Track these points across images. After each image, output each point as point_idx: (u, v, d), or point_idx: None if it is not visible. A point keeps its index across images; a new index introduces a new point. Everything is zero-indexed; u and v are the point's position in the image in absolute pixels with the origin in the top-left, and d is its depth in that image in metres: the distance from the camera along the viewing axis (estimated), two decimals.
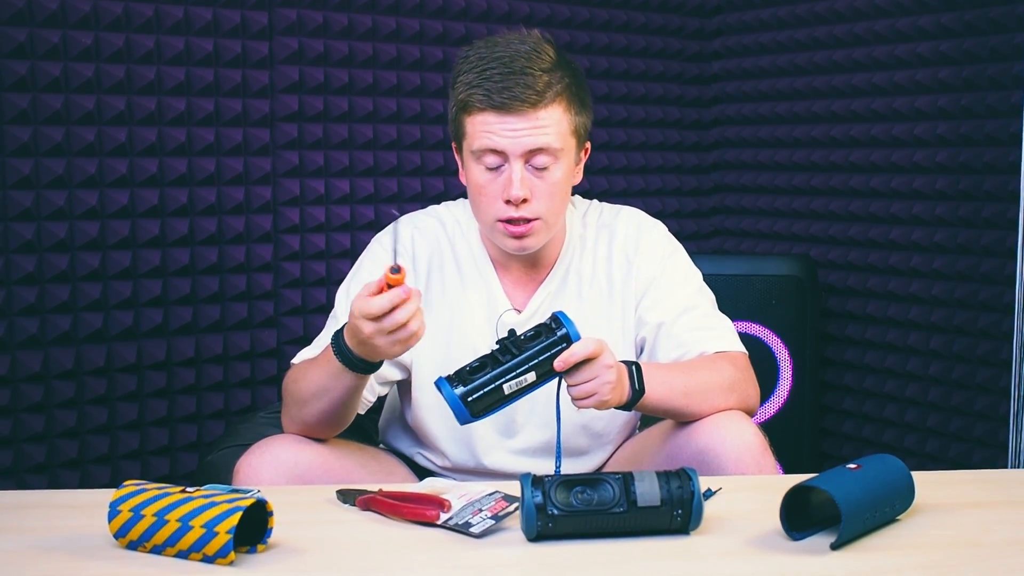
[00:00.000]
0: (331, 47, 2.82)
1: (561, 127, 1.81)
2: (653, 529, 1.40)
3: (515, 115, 1.77)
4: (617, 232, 1.98)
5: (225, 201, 2.70)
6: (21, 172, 2.41)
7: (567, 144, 1.83)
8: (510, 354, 1.61)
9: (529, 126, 1.78)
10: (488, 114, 1.79)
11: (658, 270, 1.95)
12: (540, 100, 1.78)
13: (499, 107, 1.77)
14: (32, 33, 2.39)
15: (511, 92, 1.77)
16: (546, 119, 1.79)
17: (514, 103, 1.77)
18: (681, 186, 3.50)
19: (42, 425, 2.48)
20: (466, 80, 1.81)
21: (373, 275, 1.86)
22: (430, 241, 1.96)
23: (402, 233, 1.97)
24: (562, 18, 3.20)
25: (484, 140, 1.79)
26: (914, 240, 2.95)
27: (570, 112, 1.83)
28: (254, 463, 1.73)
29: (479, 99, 1.79)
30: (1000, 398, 2.77)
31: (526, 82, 1.77)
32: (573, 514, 1.38)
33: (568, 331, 1.62)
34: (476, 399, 1.59)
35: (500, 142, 1.78)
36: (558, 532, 1.39)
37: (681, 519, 1.40)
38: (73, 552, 1.34)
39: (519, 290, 1.95)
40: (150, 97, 2.56)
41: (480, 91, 1.78)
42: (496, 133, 1.78)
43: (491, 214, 1.83)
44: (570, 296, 1.94)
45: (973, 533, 1.45)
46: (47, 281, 2.46)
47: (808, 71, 3.23)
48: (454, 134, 1.89)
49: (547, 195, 1.82)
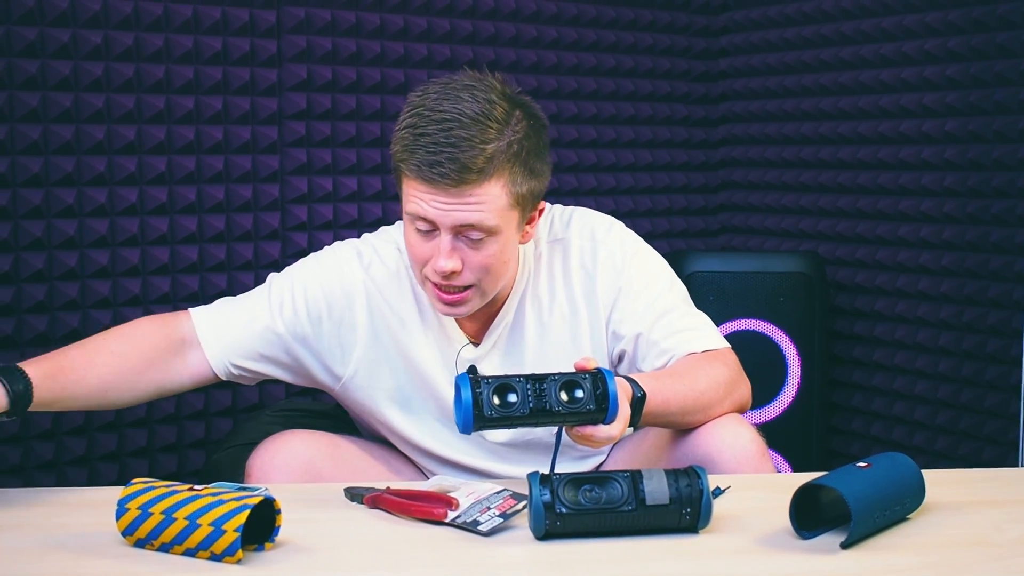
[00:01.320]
0: (339, 45, 2.82)
1: (499, 203, 1.67)
2: (662, 528, 1.40)
3: (444, 192, 1.65)
4: (571, 246, 1.87)
5: (233, 199, 2.70)
6: (31, 170, 2.41)
7: (505, 219, 1.69)
8: (546, 407, 1.48)
9: (459, 202, 1.65)
10: (418, 182, 1.66)
11: (621, 280, 1.85)
12: (475, 178, 1.64)
13: (428, 180, 1.64)
14: (42, 32, 2.40)
15: (441, 168, 1.63)
16: (481, 196, 1.65)
17: (443, 180, 1.63)
18: (689, 183, 3.49)
19: (50, 422, 2.48)
20: (402, 139, 1.68)
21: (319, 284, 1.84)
22: (390, 270, 1.87)
23: (364, 253, 1.89)
24: (569, 15, 3.19)
25: (414, 206, 1.68)
26: (923, 237, 2.95)
27: (513, 183, 1.68)
28: (265, 461, 1.73)
29: (410, 168, 1.66)
30: (1010, 395, 2.76)
31: (461, 159, 1.63)
32: (581, 512, 1.37)
33: (609, 412, 1.52)
34: (489, 420, 1.48)
35: (430, 212, 1.66)
36: (566, 530, 1.38)
37: (690, 518, 1.40)
38: (81, 550, 1.34)
39: (475, 323, 1.86)
40: (159, 95, 2.56)
41: (413, 159, 1.65)
42: (426, 202, 1.66)
43: (424, 273, 1.74)
44: (530, 324, 1.87)
45: (984, 531, 1.44)
46: (56, 278, 2.47)
47: (815, 68, 3.22)
48: (394, 179, 1.76)
49: (480, 267, 1.71)
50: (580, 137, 3.22)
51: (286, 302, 1.83)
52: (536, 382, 1.49)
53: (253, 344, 1.83)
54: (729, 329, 3.01)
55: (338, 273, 1.86)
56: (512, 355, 1.87)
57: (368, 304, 1.85)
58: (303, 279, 1.86)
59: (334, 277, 1.85)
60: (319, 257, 1.91)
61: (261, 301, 1.85)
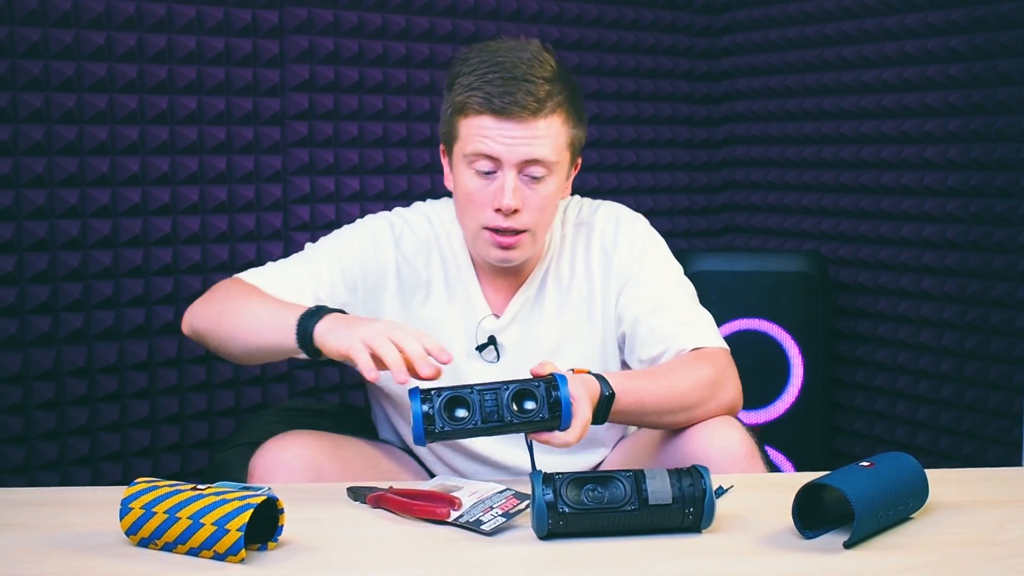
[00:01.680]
0: (341, 45, 2.82)
1: (558, 140, 1.78)
2: (665, 527, 1.40)
3: (514, 122, 1.73)
4: (595, 228, 1.94)
5: (236, 199, 2.70)
6: (34, 171, 2.41)
7: (562, 157, 1.80)
8: (497, 418, 1.50)
9: (527, 135, 1.74)
10: (486, 118, 1.74)
11: (635, 265, 1.91)
12: (540, 109, 1.74)
13: (498, 111, 1.73)
14: (46, 33, 2.40)
15: (512, 97, 1.72)
16: (544, 129, 1.75)
17: (514, 109, 1.72)
18: (691, 183, 3.49)
19: (54, 422, 2.48)
20: (465, 82, 1.76)
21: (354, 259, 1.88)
22: (420, 240, 1.93)
23: (394, 222, 1.94)
24: (571, 15, 3.19)
25: (479, 144, 1.75)
26: (925, 237, 2.95)
27: (568, 125, 1.80)
28: (269, 461, 1.73)
29: (478, 101, 1.74)
30: (1013, 395, 2.76)
31: (527, 89, 1.73)
32: (584, 512, 1.37)
33: (563, 419, 1.52)
34: (440, 433, 1.50)
35: (496, 148, 1.74)
36: (569, 530, 1.38)
37: (693, 517, 1.40)
38: (84, 549, 1.34)
39: (499, 295, 1.92)
40: (162, 96, 2.57)
41: (480, 94, 1.73)
42: (492, 139, 1.74)
43: (478, 221, 1.80)
44: (550, 299, 1.92)
45: (988, 531, 1.44)
46: (59, 279, 2.47)
47: (818, 68, 3.22)
48: (445, 136, 1.85)
49: (538, 208, 1.79)
50: None
51: (323, 271, 1.87)
52: (489, 392, 1.51)
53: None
54: (731, 329, 3.01)
55: (372, 243, 1.91)
56: (530, 328, 1.91)
57: (398, 273, 1.90)
58: (339, 249, 1.91)
59: (369, 246, 1.91)
60: (354, 229, 1.96)
61: (304, 268, 1.88)
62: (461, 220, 1.86)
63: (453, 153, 1.83)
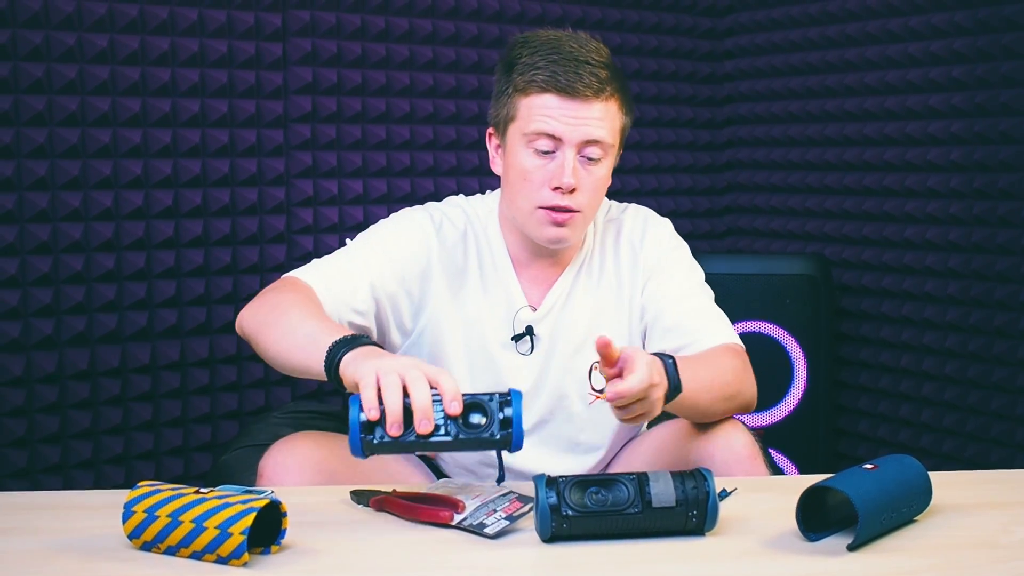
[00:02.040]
0: (344, 48, 2.82)
1: (614, 124, 1.83)
2: (668, 530, 1.40)
3: (578, 101, 1.78)
4: (624, 225, 2.00)
5: (239, 202, 2.70)
6: (37, 174, 2.41)
7: (616, 141, 1.86)
8: (444, 432, 1.37)
9: (589, 115, 1.79)
10: (550, 96, 1.79)
11: (661, 261, 1.96)
12: (602, 91, 1.79)
13: (563, 90, 1.78)
14: (48, 36, 2.40)
15: (578, 76, 1.77)
16: (604, 111, 1.80)
17: (579, 87, 1.77)
18: (694, 185, 3.49)
19: (57, 426, 2.48)
20: (530, 62, 1.81)
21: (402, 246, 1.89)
22: (459, 231, 1.95)
23: (434, 214, 1.96)
24: (574, 18, 3.19)
25: (541, 123, 1.79)
26: (928, 239, 2.94)
27: (622, 111, 1.86)
28: (278, 462, 1.72)
29: (544, 79, 1.78)
30: (1017, 397, 2.76)
31: (591, 70, 1.78)
32: (587, 515, 1.37)
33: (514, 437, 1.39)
34: (379, 446, 1.38)
35: (558, 127, 1.78)
36: (572, 533, 1.38)
37: (696, 520, 1.40)
38: (87, 553, 1.34)
39: (535, 287, 1.94)
40: (164, 99, 2.57)
41: (545, 72, 1.78)
42: (555, 117, 1.78)
43: (534, 200, 1.82)
44: (583, 293, 1.95)
45: (991, 534, 1.44)
46: (62, 282, 2.47)
47: (820, 70, 3.22)
48: (501, 117, 1.87)
49: (592, 188, 1.84)
50: None
51: (372, 261, 1.87)
52: (436, 403, 1.38)
53: (354, 300, 1.84)
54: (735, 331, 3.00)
55: (417, 234, 1.92)
56: (563, 321, 1.94)
57: (440, 264, 1.91)
58: (386, 240, 1.91)
59: (415, 237, 1.91)
60: (396, 221, 1.96)
61: (356, 262, 1.87)
62: (513, 201, 1.87)
63: (508, 133, 1.85)
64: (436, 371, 1.41)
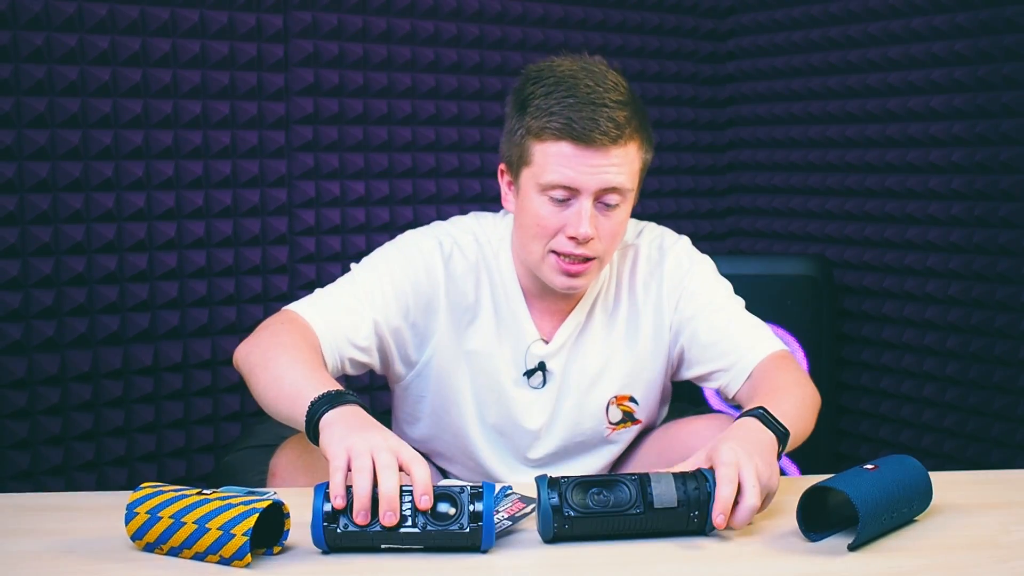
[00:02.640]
0: (346, 49, 2.82)
1: (634, 166, 1.75)
2: (670, 531, 1.40)
3: (594, 149, 1.69)
4: (640, 252, 1.92)
5: (241, 203, 2.70)
6: (39, 175, 2.42)
7: (635, 184, 1.77)
8: (410, 523, 1.33)
9: (607, 163, 1.70)
10: (565, 144, 1.69)
11: (685, 282, 1.89)
12: (620, 136, 1.70)
13: (579, 138, 1.68)
14: (49, 37, 2.40)
15: (595, 123, 1.68)
16: (622, 157, 1.71)
17: (596, 136, 1.68)
18: (696, 187, 3.49)
19: (59, 427, 2.49)
20: (544, 105, 1.71)
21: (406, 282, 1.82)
22: (470, 262, 1.87)
23: (444, 241, 1.87)
24: (576, 19, 3.19)
25: (557, 175, 1.71)
26: (930, 240, 2.94)
27: (641, 151, 1.77)
28: (292, 460, 1.71)
29: (559, 127, 1.69)
30: (1018, 398, 2.76)
31: (607, 115, 1.68)
32: (589, 516, 1.38)
33: (484, 534, 1.33)
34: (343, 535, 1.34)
35: (575, 177, 1.70)
36: (574, 534, 1.39)
37: (698, 520, 1.40)
38: (90, 554, 1.34)
39: (547, 320, 1.89)
40: (166, 100, 2.57)
41: (559, 119, 1.69)
42: (572, 167, 1.69)
43: (547, 247, 1.76)
44: (597, 325, 1.90)
45: (992, 534, 1.44)
46: (64, 284, 2.47)
47: (822, 71, 3.22)
48: (514, 158, 1.78)
49: (610, 235, 1.76)
50: None
51: (376, 294, 1.81)
52: (404, 492, 1.34)
53: (355, 336, 1.78)
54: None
55: (424, 264, 1.85)
56: (577, 354, 1.90)
57: (447, 294, 1.85)
58: (390, 271, 1.83)
59: (421, 267, 1.84)
60: (401, 248, 1.88)
61: (356, 293, 1.81)
62: (525, 244, 1.80)
63: (521, 177, 1.77)
64: (410, 457, 1.37)
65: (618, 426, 1.92)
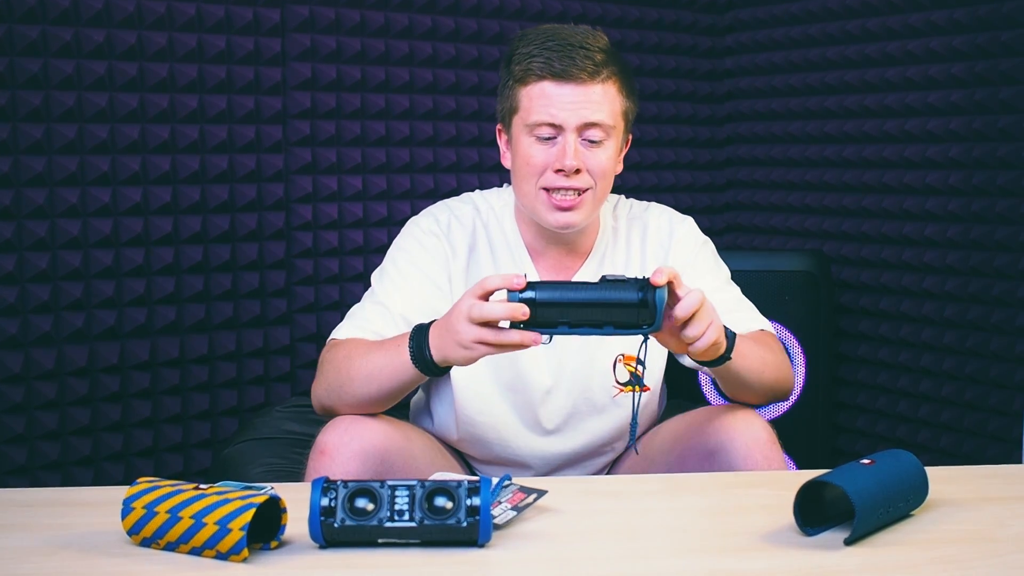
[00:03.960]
0: (344, 44, 2.82)
1: (614, 106, 1.85)
2: (622, 321, 1.52)
3: (573, 84, 1.80)
4: (650, 224, 2.01)
5: (238, 198, 2.70)
6: (35, 169, 2.41)
7: (618, 124, 1.87)
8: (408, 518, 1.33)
9: (586, 98, 1.81)
10: (547, 83, 1.81)
11: (693, 257, 1.98)
12: (598, 73, 1.82)
13: (559, 75, 1.80)
14: (45, 31, 2.40)
15: (572, 61, 1.80)
16: (602, 94, 1.82)
17: (573, 71, 1.80)
18: (694, 182, 3.49)
19: (56, 422, 2.49)
20: (525, 52, 1.84)
21: (416, 262, 1.92)
22: (467, 227, 1.97)
23: (439, 216, 1.97)
24: (574, 14, 3.19)
25: (540, 113, 1.82)
26: (927, 235, 2.94)
27: (622, 94, 1.87)
28: (342, 440, 1.71)
29: (539, 67, 1.81)
30: (1014, 393, 2.76)
31: (585, 54, 1.81)
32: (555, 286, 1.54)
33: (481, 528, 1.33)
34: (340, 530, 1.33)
35: (557, 113, 1.81)
36: (538, 310, 1.51)
37: (648, 313, 1.52)
38: (87, 549, 1.34)
39: (554, 277, 1.95)
40: (163, 94, 2.57)
41: (540, 60, 1.81)
42: (553, 104, 1.81)
43: (537, 185, 1.84)
44: None
45: (987, 528, 1.44)
46: (60, 279, 2.47)
47: (820, 67, 3.22)
48: (505, 111, 1.90)
49: (598, 169, 1.84)
50: None
51: (398, 299, 1.89)
52: (402, 488, 1.34)
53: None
54: None
55: (429, 247, 1.94)
56: None
57: (451, 267, 1.94)
58: (404, 273, 1.92)
59: (428, 251, 1.94)
60: (408, 244, 1.96)
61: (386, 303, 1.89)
62: (520, 188, 1.89)
63: (513, 126, 1.88)
64: (478, 287, 1.58)
65: (625, 387, 1.95)
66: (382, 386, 1.74)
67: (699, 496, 1.59)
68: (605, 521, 1.48)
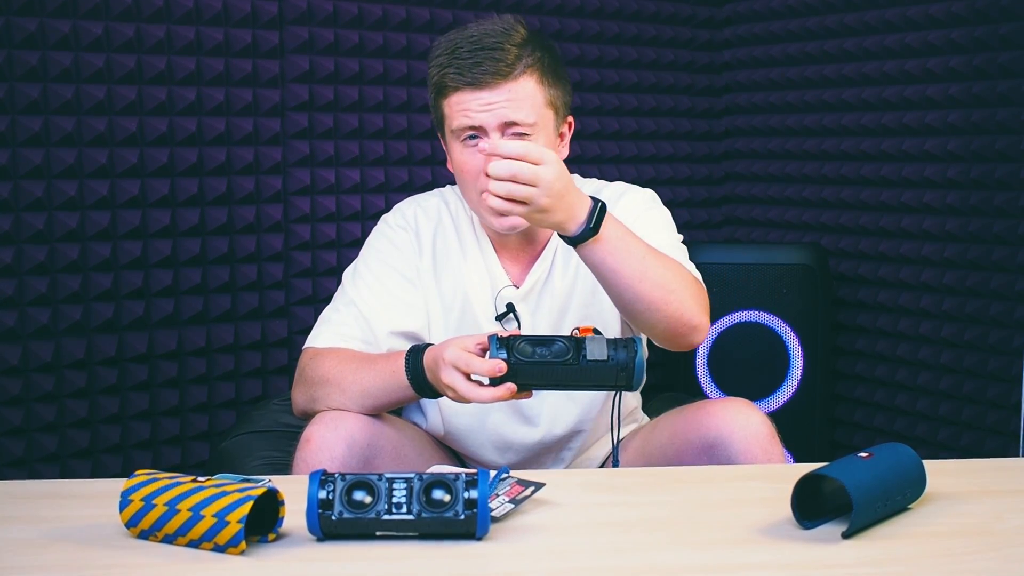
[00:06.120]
0: (341, 36, 2.82)
1: (535, 100, 1.83)
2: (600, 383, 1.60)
3: (487, 89, 1.80)
4: (602, 195, 1.95)
5: (236, 191, 2.70)
6: (33, 162, 2.41)
7: (542, 117, 1.85)
8: (406, 511, 1.32)
9: (502, 99, 1.80)
10: (462, 92, 1.81)
11: (635, 220, 1.88)
12: (510, 72, 1.80)
13: (471, 83, 1.80)
14: (42, 23, 2.40)
15: (481, 67, 1.79)
16: (518, 91, 1.81)
17: (485, 77, 1.79)
18: (692, 175, 3.49)
19: (53, 415, 2.49)
20: (439, 63, 1.84)
21: (387, 260, 1.95)
22: (432, 217, 2.00)
23: (406, 211, 2.02)
24: (572, 7, 3.19)
25: (461, 119, 1.82)
26: (925, 229, 2.94)
27: (543, 85, 1.85)
28: (327, 436, 1.72)
29: (451, 77, 1.81)
30: (1012, 386, 2.76)
31: (495, 56, 1.80)
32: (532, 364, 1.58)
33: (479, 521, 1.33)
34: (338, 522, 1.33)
35: (476, 118, 1.81)
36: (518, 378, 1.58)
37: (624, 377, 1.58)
38: (85, 542, 1.34)
39: (516, 266, 1.98)
40: (161, 87, 2.56)
41: (452, 69, 1.81)
42: (471, 110, 1.81)
43: (477, 190, 1.83)
44: (563, 271, 1.97)
45: (985, 521, 1.44)
46: (58, 271, 2.47)
47: (819, 60, 3.21)
48: (436, 121, 1.92)
49: None
50: (583, 128, 3.22)
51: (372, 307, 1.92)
52: (400, 480, 1.33)
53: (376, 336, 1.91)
54: (732, 321, 3.01)
55: (399, 247, 1.98)
56: (546, 299, 1.97)
57: (421, 257, 1.97)
58: (375, 274, 1.95)
59: (396, 254, 1.97)
60: (375, 244, 2.00)
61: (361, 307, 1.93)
62: (466, 196, 1.92)
63: (445, 134, 1.89)
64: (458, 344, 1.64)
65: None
66: (378, 400, 1.77)
67: (697, 489, 1.59)
68: (603, 514, 1.48)
